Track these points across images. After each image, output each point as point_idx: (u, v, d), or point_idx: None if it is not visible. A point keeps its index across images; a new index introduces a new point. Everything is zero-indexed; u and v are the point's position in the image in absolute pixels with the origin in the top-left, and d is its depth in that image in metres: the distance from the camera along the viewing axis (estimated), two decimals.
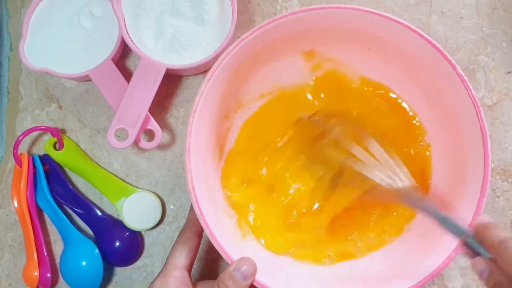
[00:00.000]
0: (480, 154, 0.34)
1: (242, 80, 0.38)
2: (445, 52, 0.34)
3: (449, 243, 0.33)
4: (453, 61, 0.34)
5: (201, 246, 0.36)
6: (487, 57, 0.42)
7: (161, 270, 0.34)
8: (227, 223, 0.37)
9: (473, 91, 0.34)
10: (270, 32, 0.34)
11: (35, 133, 0.43)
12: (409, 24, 0.34)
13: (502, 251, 0.27)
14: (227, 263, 0.32)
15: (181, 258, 0.34)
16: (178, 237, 0.35)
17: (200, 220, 0.32)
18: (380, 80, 0.39)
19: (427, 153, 0.39)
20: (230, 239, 0.36)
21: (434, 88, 0.37)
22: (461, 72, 0.34)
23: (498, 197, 0.41)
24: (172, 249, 0.35)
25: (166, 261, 0.34)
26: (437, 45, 0.34)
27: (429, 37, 0.34)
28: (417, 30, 0.34)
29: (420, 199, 0.33)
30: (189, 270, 0.34)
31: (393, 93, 0.39)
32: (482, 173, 0.33)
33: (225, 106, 0.38)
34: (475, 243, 0.29)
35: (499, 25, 0.42)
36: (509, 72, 0.42)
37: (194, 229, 0.35)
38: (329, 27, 0.36)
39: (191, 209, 0.36)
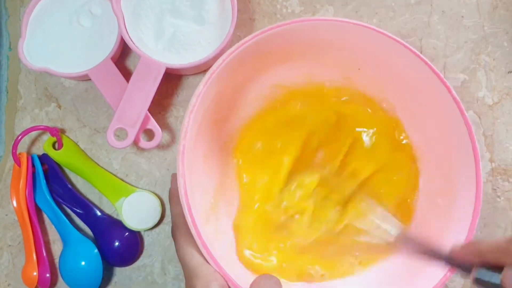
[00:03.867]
0: (472, 179, 0.34)
1: (242, 83, 0.38)
2: (437, 70, 0.35)
3: None
4: (445, 80, 0.34)
5: None
6: (488, 56, 0.42)
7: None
8: (223, 231, 0.36)
9: (465, 113, 0.34)
10: (269, 39, 0.34)
11: (34, 133, 0.42)
12: (399, 39, 0.35)
13: None
14: None
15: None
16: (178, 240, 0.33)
17: (191, 229, 0.30)
18: (371, 94, 0.39)
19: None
20: (226, 251, 0.35)
21: (425, 105, 0.37)
22: (455, 94, 0.34)
23: (499, 197, 0.41)
24: (188, 254, 0.32)
25: (193, 271, 0.31)
26: (428, 62, 0.35)
27: (421, 54, 0.35)
28: (407, 44, 0.35)
29: (419, 242, 0.31)
30: None
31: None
32: (474, 195, 0.34)
33: (224, 108, 0.38)
34: (485, 272, 0.26)
35: (500, 24, 0.42)
36: (510, 72, 0.42)
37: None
38: (323, 39, 0.36)
39: (173, 205, 0.35)
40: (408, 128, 0.39)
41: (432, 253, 0.30)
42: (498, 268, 0.26)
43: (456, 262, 0.28)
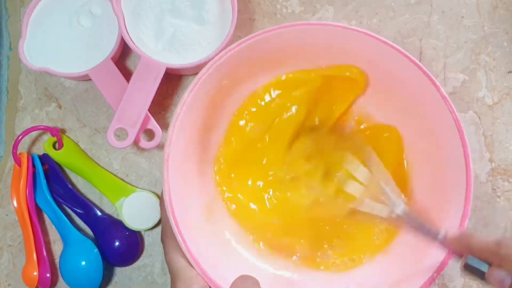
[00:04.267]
0: (462, 184, 0.33)
1: (231, 90, 0.38)
2: (432, 76, 0.34)
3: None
4: (442, 89, 0.34)
5: None
6: (488, 56, 0.42)
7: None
8: (210, 237, 0.36)
9: (459, 119, 0.34)
10: (257, 44, 0.34)
11: (34, 133, 0.42)
12: (394, 44, 0.34)
13: (504, 251, 0.26)
14: None
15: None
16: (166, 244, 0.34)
17: (175, 233, 0.31)
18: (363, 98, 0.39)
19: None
20: (213, 254, 0.35)
21: (420, 108, 0.37)
22: (446, 95, 0.34)
23: (498, 197, 0.41)
24: (172, 257, 0.33)
25: (180, 274, 0.32)
26: (424, 68, 0.34)
27: (418, 61, 0.34)
28: (401, 49, 0.34)
29: (418, 221, 0.32)
30: None
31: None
32: (464, 198, 0.33)
33: (212, 116, 0.38)
34: (475, 259, 0.28)
35: (500, 24, 0.42)
36: (510, 72, 0.42)
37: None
38: (318, 44, 0.36)
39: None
40: (403, 129, 0.39)
41: (429, 234, 0.31)
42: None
43: (449, 247, 0.30)
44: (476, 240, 0.28)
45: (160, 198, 0.37)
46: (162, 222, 0.35)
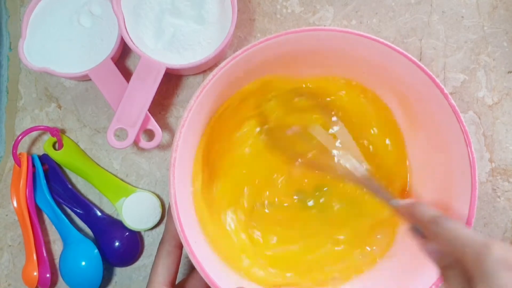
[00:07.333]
0: (468, 188, 0.33)
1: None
2: (437, 80, 0.34)
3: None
4: (445, 91, 0.34)
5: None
6: (488, 56, 0.42)
7: None
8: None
9: (464, 123, 0.34)
10: (263, 50, 0.34)
11: (34, 133, 0.42)
12: (399, 49, 0.34)
13: (435, 228, 0.28)
14: None
15: (164, 275, 0.33)
16: (158, 251, 0.35)
17: (182, 240, 0.31)
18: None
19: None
20: (218, 265, 0.35)
21: (422, 109, 0.37)
22: (453, 102, 0.34)
23: (499, 197, 0.41)
24: (154, 265, 0.34)
25: (149, 278, 0.34)
26: (429, 71, 0.34)
27: (420, 63, 0.34)
28: (406, 53, 0.34)
29: (376, 185, 0.36)
30: (173, 283, 0.34)
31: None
32: (469, 204, 0.33)
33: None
34: (416, 228, 0.31)
35: (500, 25, 0.42)
36: (510, 72, 0.42)
37: (174, 242, 0.34)
38: (319, 49, 0.36)
39: (169, 219, 0.35)
40: (405, 131, 0.39)
41: (385, 198, 0.34)
42: None
43: (399, 212, 0.33)
44: (419, 211, 0.30)
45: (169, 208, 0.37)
46: (165, 230, 0.35)
